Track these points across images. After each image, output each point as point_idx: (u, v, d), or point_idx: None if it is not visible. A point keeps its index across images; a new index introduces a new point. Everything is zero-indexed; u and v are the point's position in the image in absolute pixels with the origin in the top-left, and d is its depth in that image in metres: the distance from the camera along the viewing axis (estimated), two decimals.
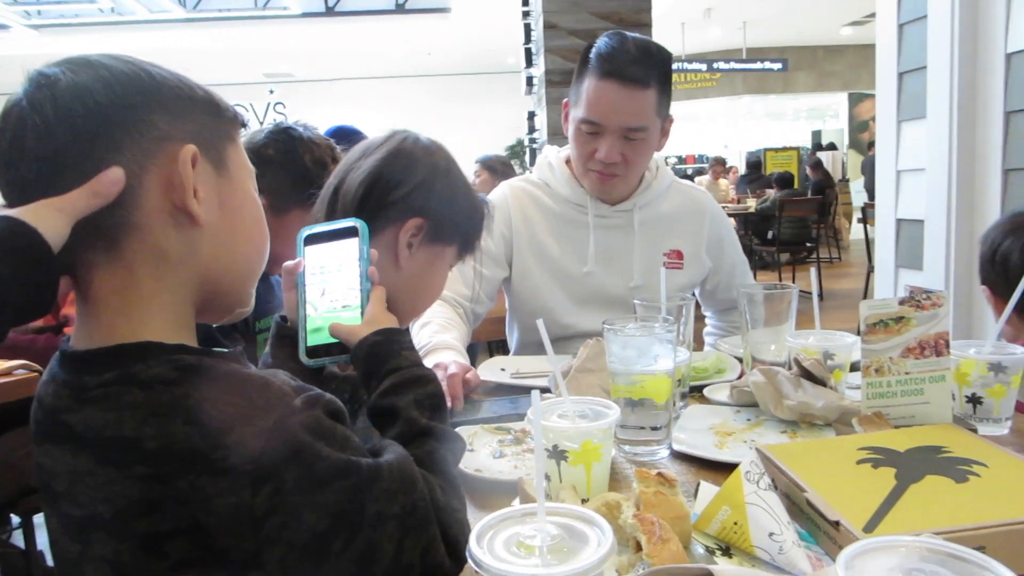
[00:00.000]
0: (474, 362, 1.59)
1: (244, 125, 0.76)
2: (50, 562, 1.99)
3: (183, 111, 0.68)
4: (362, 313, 0.90)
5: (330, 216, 1.02)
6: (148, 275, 0.66)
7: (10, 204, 0.65)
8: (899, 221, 2.66)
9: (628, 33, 1.58)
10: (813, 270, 1.42)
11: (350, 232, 0.93)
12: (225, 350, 0.67)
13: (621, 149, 1.57)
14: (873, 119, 2.78)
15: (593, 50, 1.57)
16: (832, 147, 13.11)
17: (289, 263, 0.94)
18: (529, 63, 5.58)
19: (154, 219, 0.66)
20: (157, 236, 0.66)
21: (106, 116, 0.63)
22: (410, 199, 1.02)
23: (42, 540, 1.96)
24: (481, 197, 1.14)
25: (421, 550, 0.67)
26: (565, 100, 1.67)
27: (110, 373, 0.62)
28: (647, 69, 1.53)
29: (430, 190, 1.03)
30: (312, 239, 0.95)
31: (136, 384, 0.61)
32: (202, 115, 0.70)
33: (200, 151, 0.67)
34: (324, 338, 0.90)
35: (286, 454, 0.60)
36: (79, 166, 0.62)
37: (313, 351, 0.90)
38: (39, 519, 1.53)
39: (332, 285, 0.92)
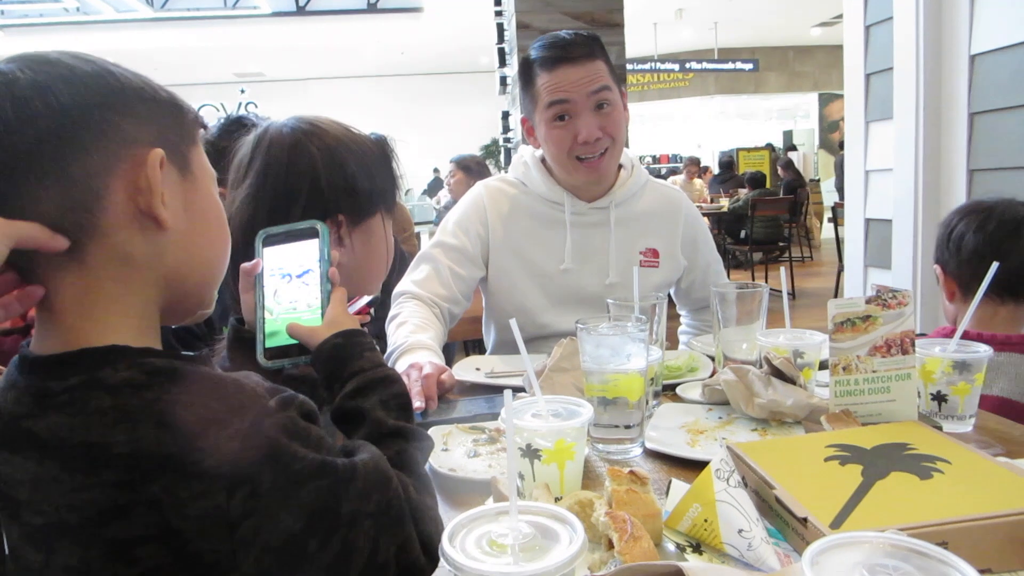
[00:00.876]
0: (450, 361, 1.59)
1: (205, 127, 0.74)
2: None
3: (148, 113, 0.66)
4: (322, 314, 0.89)
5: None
6: (112, 279, 0.65)
7: None
8: (868, 221, 2.70)
9: (557, 32, 1.64)
10: (783, 269, 1.43)
11: (310, 233, 0.92)
12: (192, 353, 0.66)
13: (598, 122, 1.59)
14: (843, 119, 2.83)
15: (532, 55, 1.63)
16: (792, 148, 13.22)
17: (247, 264, 0.92)
18: (503, 63, 5.58)
19: (119, 223, 0.64)
20: (122, 240, 0.65)
21: (70, 117, 0.61)
22: (320, 201, 1.02)
23: None
24: (375, 138, 1.12)
25: (396, 548, 0.67)
26: (522, 117, 1.69)
27: (76, 378, 0.60)
28: (586, 46, 1.59)
29: (324, 185, 1.02)
30: (271, 240, 0.93)
31: (103, 389, 0.60)
32: (166, 117, 0.68)
33: (165, 154, 0.66)
34: (283, 340, 0.89)
35: (262, 456, 0.59)
36: (41, 168, 0.60)
37: (271, 353, 0.89)
38: None
39: (291, 287, 0.91)
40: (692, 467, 0.96)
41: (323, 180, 1.02)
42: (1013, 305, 1.40)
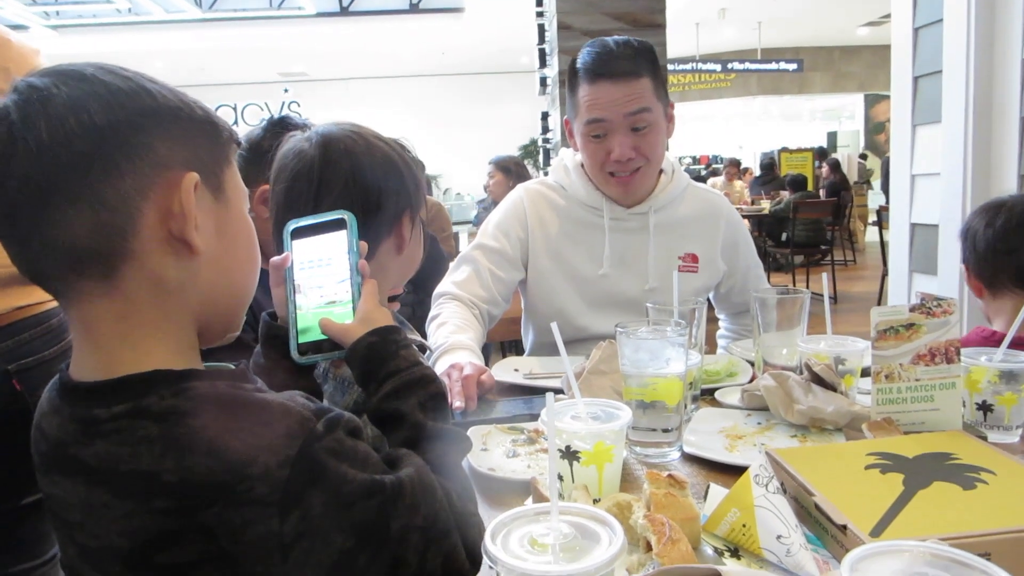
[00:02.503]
0: (487, 362, 1.60)
1: (239, 144, 0.73)
2: None
3: (183, 135, 0.65)
4: (354, 308, 0.87)
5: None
6: (148, 303, 0.64)
7: None
8: (913, 226, 2.65)
9: (608, 38, 1.61)
10: (825, 275, 1.42)
11: (338, 224, 0.90)
12: (231, 366, 0.67)
13: (632, 143, 1.58)
14: (889, 121, 2.77)
15: (578, 62, 1.61)
16: (823, 153, 12.90)
17: (276, 258, 0.91)
18: (543, 64, 5.59)
19: (152, 247, 0.63)
20: (154, 264, 0.64)
21: (104, 138, 0.60)
22: (397, 201, 1.02)
23: None
24: (388, 145, 1.05)
25: (443, 558, 0.68)
26: (566, 118, 1.70)
27: (120, 406, 0.60)
28: (634, 61, 1.56)
29: (407, 184, 1.02)
30: (299, 232, 0.91)
31: (149, 417, 0.60)
32: (201, 138, 0.67)
33: (200, 178, 0.65)
34: (315, 335, 0.87)
35: (312, 480, 0.60)
36: (72, 190, 0.59)
37: (305, 348, 0.87)
38: None
39: (321, 280, 0.89)
40: (730, 472, 0.97)
41: (398, 184, 1.02)
42: None
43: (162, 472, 0.58)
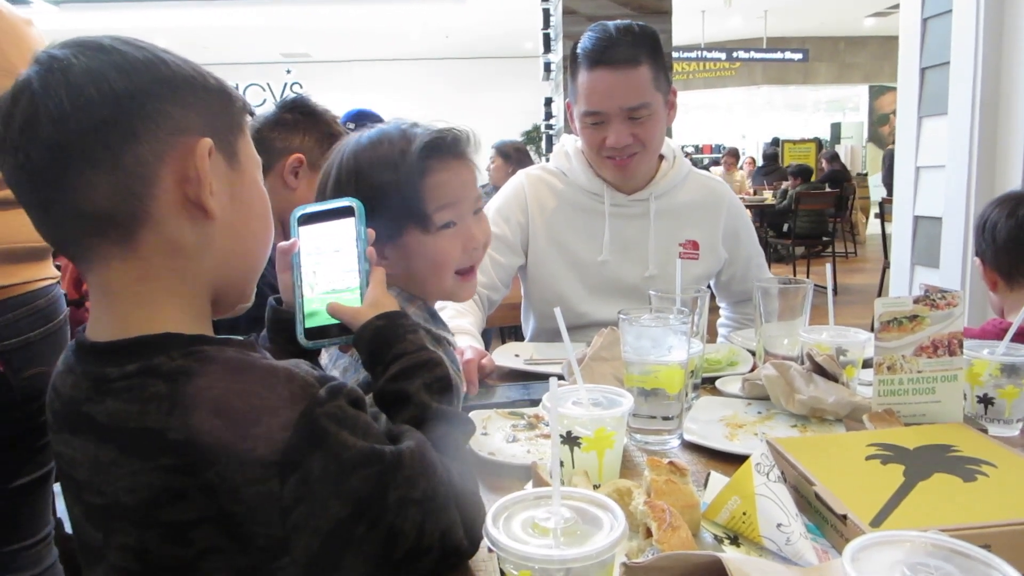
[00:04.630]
0: (487, 348, 1.60)
1: (252, 114, 0.75)
2: (68, 529, 2.03)
3: (197, 102, 0.67)
4: (362, 295, 0.88)
5: None
6: (165, 267, 0.67)
7: (16, 192, 0.65)
8: (916, 218, 2.65)
9: (609, 22, 1.60)
10: (828, 266, 1.42)
11: (346, 212, 0.90)
12: (241, 338, 0.67)
13: (630, 130, 1.57)
14: (894, 112, 2.75)
15: (579, 46, 1.59)
16: (820, 145, 12.81)
17: (284, 244, 0.91)
18: (547, 49, 5.56)
19: (168, 211, 0.65)
20: (171, 228, 0.66)
21: (122, 104, 0.62)
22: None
23: (61, 507, 1.98)
24: (413, 148, 1.02)
25: (441, 533, 0.69)
26: (567, 101, 1.69)
27: (132, 365, 0.62)
28: (633, 48, 1.54)
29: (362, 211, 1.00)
30: (306, 219, 0.92)
31: (159, 376, 0.61)
32: (215, 106, 0.69)
33: (214, 144, 0.67)
34: (322, 320, 0.88)
35: (313, 444, 0.61)
36: (93, 155, 0.62)
37: (311, 333, 0.88)
38: (58, 487, 1.58)
39: (329, 266, 0.90)
40: (730, 460, 0.97)
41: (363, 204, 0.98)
42: None
43: (168, 430, 0.59)
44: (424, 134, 1.03)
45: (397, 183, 1.01)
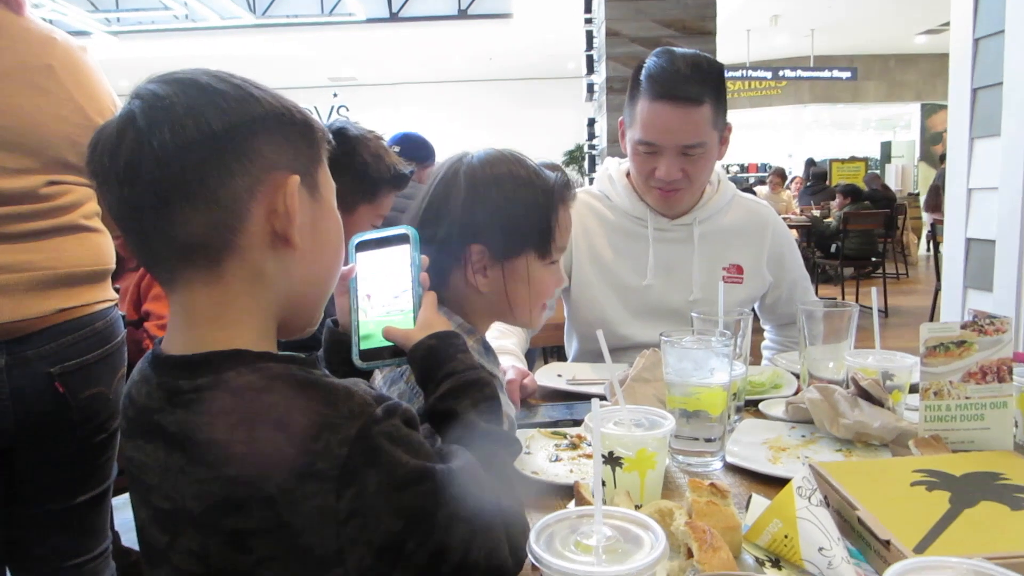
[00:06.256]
0: (530, 367, 1.62)
1: (330, 143, 0.78)
2: (125, 543, 2.10)
3: (286, 138, 0.71)
4: (415, 318, 0.91)
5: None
6: (244, 292, 0.70)
7: (118, 221, 0.69)
8: (969, 240, 2.59)
9: (677, 49, 1.59)
10: (875, 289, 1.40)
11: (401, 239, 0.95)
12: (304, 356, 0.71)
13: (681, 165, 1.58)
14: (946, 131, 2.69)
15: (643, 71, 1.57)
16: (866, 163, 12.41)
17: (343, 269, 0.94)
18: (590, 70, 5.59)
19: (255, 243, 0.69)
20: (256, 258, 0.70)
21: (220, 143, 0.66)
22: (461, 228, 1.05)
23: (119, 521, 2.06)
24: (550, 182, 1.09)
25: (487, 551, 0.70)
26: (620, 119, 1.70)
27: (203, 379, 0.66)
28: (699, 86, 1.52)
29: (472, 216, 1.05)
30: (363, 245, 0.97)
31: (227, 390, 0.65)
32: (300, 141, 0.73)
33: (300, 179, 0.71)
34: (377, 342, 0.92)
35: (368, 460, 0.64)
36: (191, 191, 0.65)
37: (366, 355, 0.92)
38: (116, 501, 1.63)
39: (384, 290, 0.94)
40: (773, 483, 0.97)
41: (481, 207, 1.05)
42: None
43: (234, 442, 0.63)
44: (559, 176, 1.11)
45: (537, 205, 1.07)
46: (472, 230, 1.05)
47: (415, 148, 3.74)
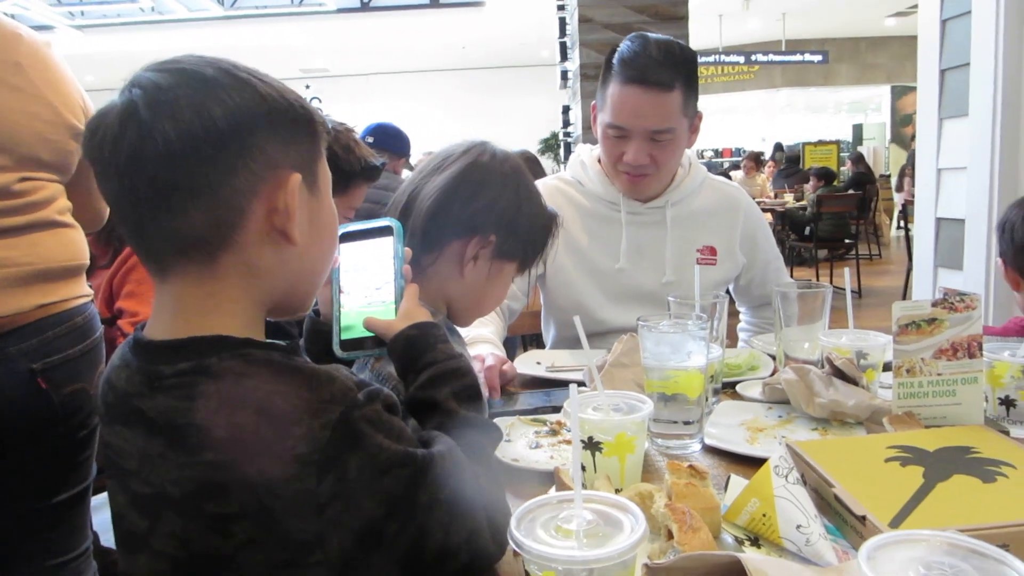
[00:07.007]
0: (511, 356, 1.62)
1: (330, 134, 0.77)
2: (104, 543, 2.07)
3: (289, 135, 0.70)
4: (396, 309, 0.92)
5: (403, 220, 1.04)
6: (237, 285, 0.70)
7: (115, 210, 0.68)
8: (939, 220, 2.63)
9: (651, 35, 1.59)
10: (848, 270, 1.42)
11: (385, 231, 0.95)
12: (285, 343, 0.70)
13: (649, 151, 1.58)
14: (916, 113, 2.72)
15: (616, 55, 1.58)
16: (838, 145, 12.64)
17: None
18: (564, 57, 5.59)
19: (253, 238, 0.69)
20: (252, 253, 0.69)
21: (224, 141, 0.65)
22: (479, 216, 1.05)
23: (97, 522, 2.03)
24: (552, 212, 1.15)
25: (467, 535, 0.71)
26: (593, 103, 1.70)
27: (184, 364, 0.65)
28: (670, 72, 1.53)
29: (501, 209, 1.06)
30: (347, 237, 0.97)
31: (209, 375, 0.64)
32: (302, 136, 0.72)
33: (302, 177, 0.70)
34: (358, 332, 0.92)
35: (349, 445, 0.64)
36: (193, 187, 0.65)
37: (347, 344, 0.93)
38: (94, 501, 1.61)
39: (366, 282, 0.94)
40: (751, 464, 0.98)
41: (506, 204, 1.06)
42: None
43: (215, 426, 0.62)
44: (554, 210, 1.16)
45: (544, 227, 1.13)
46: (490, 221, 1.06)
47: (389, 139, 3.71)
